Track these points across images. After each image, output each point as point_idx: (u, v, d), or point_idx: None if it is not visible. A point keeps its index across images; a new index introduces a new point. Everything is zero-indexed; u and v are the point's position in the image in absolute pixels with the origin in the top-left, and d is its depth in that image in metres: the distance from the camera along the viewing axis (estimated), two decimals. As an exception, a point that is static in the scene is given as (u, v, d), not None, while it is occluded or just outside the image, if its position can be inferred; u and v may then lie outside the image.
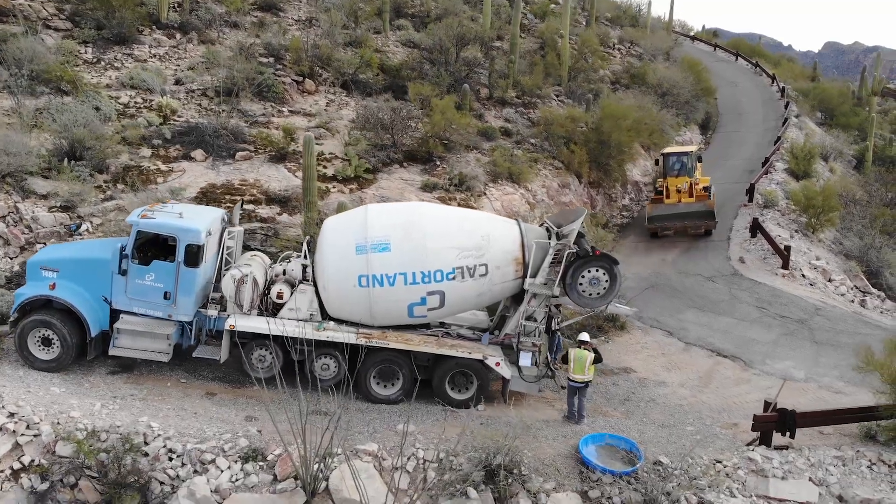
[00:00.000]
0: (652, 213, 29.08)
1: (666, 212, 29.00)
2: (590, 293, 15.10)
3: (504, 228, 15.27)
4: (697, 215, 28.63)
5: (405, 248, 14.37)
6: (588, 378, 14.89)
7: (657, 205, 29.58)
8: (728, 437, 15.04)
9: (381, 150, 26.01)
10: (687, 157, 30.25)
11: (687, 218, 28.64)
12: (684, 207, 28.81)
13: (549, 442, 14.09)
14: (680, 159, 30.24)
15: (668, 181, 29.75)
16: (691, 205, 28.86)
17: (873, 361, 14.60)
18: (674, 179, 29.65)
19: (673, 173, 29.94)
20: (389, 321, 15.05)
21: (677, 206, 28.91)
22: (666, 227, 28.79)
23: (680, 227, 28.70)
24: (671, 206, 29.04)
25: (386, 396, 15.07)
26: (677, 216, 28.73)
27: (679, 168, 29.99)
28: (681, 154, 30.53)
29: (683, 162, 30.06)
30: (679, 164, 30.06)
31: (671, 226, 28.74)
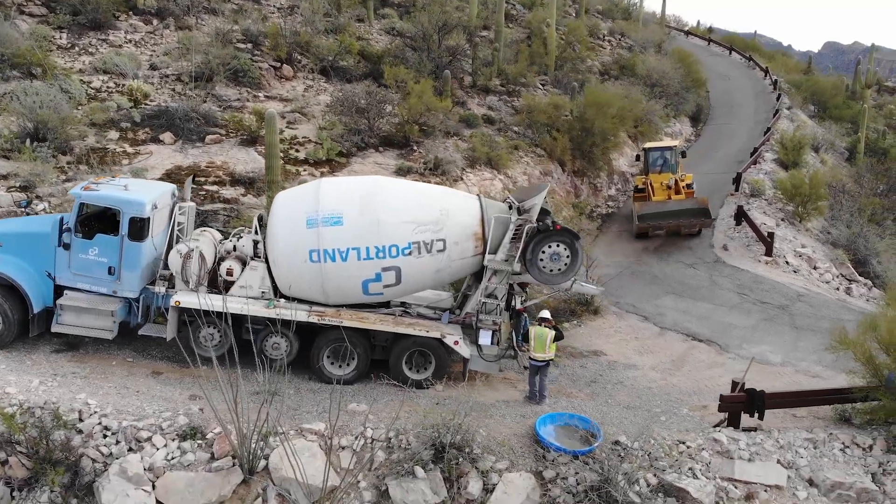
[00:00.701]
0: (641, 211, 26.70)
1: (656, 210, 26.69)
2: (551, 269, 14.53)
3: (464, 203, 14.71)
4: (690, 213, 26.53)
5: (358, 222, 13.81)
6: (549, 356, 14.32)
7: (645, 203, 27.41)
8: (696, 419, 14.47)
9: (357, 134, 25.47)
10: (670, 152, 28.92)
11: (680, 216, 26.53)
12: (675, 205, 26.72)
13: (506, 422, 13.52)
14: (662, 154, 28.87)
15: (650, 177, 28.17)
16: (682, 202, 26.89)
17: (847, 340, 14.00)
18: (657, 176, 28.12)
19: (655, 169, 28.52)
20: (344, 299, 14.48)
21: (667, 204, 26.83)
22: (658, 226, 26.50)
23: (673, 225, 26.51)
24: (660, 204, 26.87)
25: (340, 376, 14.49)
26: (669, 214, 26.55)
27: (662, 164, 28.61)
28: (663, 149, 29.18)
29: (666, 157, 28.73)
30: (662, 160, 28.69)
31: (664, 225, 26.47)
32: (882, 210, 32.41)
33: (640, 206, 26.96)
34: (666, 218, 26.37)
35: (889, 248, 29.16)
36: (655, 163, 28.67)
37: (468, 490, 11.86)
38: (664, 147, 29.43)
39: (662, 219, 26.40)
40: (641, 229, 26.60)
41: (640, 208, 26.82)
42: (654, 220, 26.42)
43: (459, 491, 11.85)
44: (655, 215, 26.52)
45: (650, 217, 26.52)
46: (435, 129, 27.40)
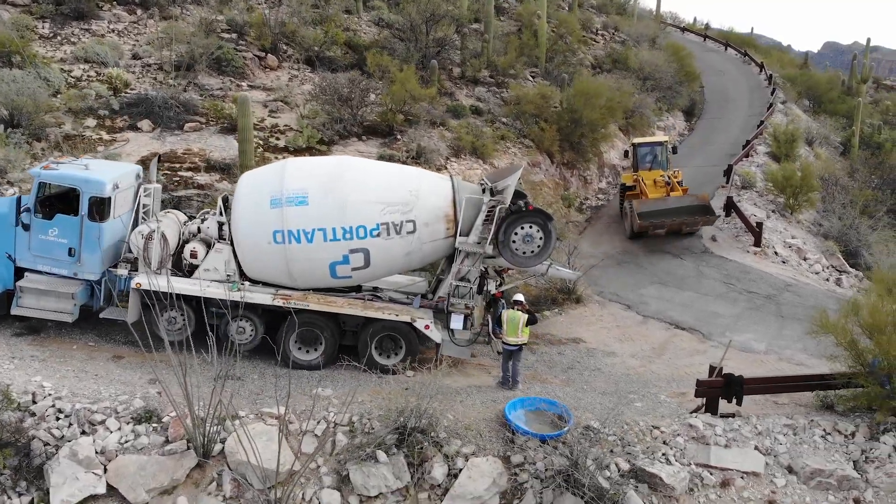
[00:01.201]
0: (640, 208, 24.64)
1: (655, 207, 24.83)
2: (523, 251, 14.14)
3: (435, 184, 14.31)
4: (692, 210, 24.89)
5: (324, 202, 13.42)
6: (522, 340, 13.93)
7: (643, 200, 25.34)
8: (673, 406, 14.07)
9: (339, 122, 25.10)
10: (660, 147, 27.40)
11: (682, 214, 24.80)
12: (675, 202, 25.06)
13: (476, 407, 13.12)
14: (652, 150, 27.38)
15: (641, 174, 26.54)
16: (682, 198, 25.30)
17: (828, 324, 13.59)
18: (647, 173, 26.54)
19: (645, 166, 27.02)
20: (311, 282, 14.09)
21: (667, 201, 25.07)
22: (660, 224, 24.67)
23: (676, 224, 24.78)
24: (660, 201, 25.07)
25: (307, 362, 14.11)
26: (670, 212, 24.78)
27: (651, 160, 27.19)
28: (653, 144, 27.64)
29: (656, 154, 27.28)
30: (651, 156, 27.28)
31: (666, 223, 24.68)
32: (875, 202, 32.00)
33: (637, 204, 24.93)
34: (668, 216, 24.74)
35: (881, 240, 28.79)
36: (644, 159, 27.28)
37: (432, 475, 11.46)
38: (654, 142, 27.87)
39: (664, 216, 24.72)
40: (642, 227, 24.65)
41: (638, 206, 24.82)
42: (656, 217, 24.67)
43: (423, 476, 11.45)
44: (656, 213, 24.75)
45: (651, 215, 24.66)
46: (420, 118, 27.03)
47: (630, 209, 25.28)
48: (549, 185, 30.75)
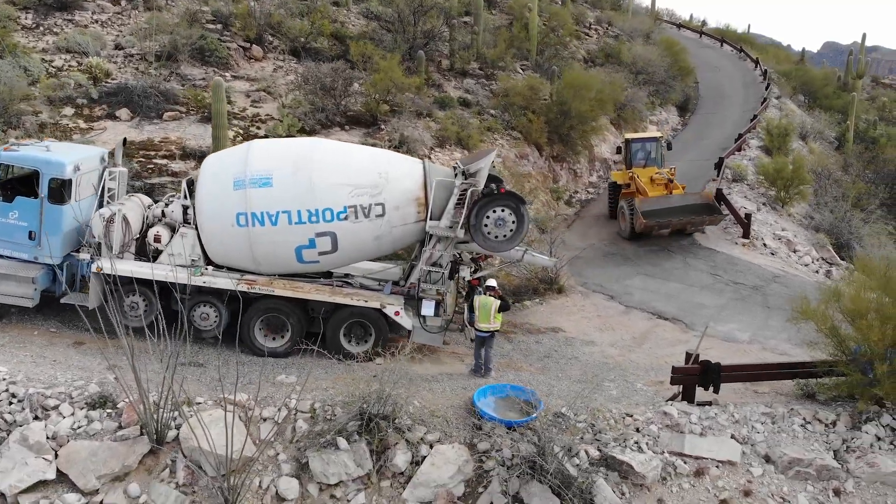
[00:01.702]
0: (643, 207, 23.18)
1: (659, 206, 23.47)
2: (496, 235, 13.76)
3: (406, 167, 13.94)
4: (696, 209, 23.78)
5: (289, 184, 13.04)
6: (494, 327, 13.57)
7: (646, 198, 23.88)
8: (649, 394, 13.71)
9: (321, 111, 24.74)
10: (654, 143, 26.19)
11: (687, 213, 23.59)
12: (679, 200, 23.92)
13: (445, 394, 12.77)
14: (645, 147, 26.22)
15: (636, 171, 25.25)
16: (686, 197, 24.21)
17: (808, 311, 13.21)
18: (641, 170, 25.29)
19: (639, 163, 25.81)
20: (277, 267, 13.72)
21: (670, 199, 23.83)
22: (666, 224, 23.37)
23: (682, 223, 23.57)
24: (662, 200, 23.76)
25: (273, 349, 13.75)
26: (675, 211, 23.53)
27: (646, 157, 25.98)
28: (647, 140, 26.42)
29: (650, 150, 26.15)
30: (645, 153, 26.11)
31: (673, 223, 23.41)
32: (867, 196, 31.65)
33: (640, 202, 23.44)
34: (671, 215, 23.47)
35: (873, 232, 28.41)
36: (638, 155, 26.04)
37: (394, 462, 11.10)
38: (648, 138, 26.66)
39: (668, 216, 23.43)
40: (647, 227, 23.22)
41: (640, 204, 23.33)
42: (661, 217, 23.26)
43: (385, 463, 11.09)
44: (661, 212, 23.36)
45: (655, 214, 23.22)
46: (405, 108, 26.69)
47: (629, 208, 24.02)
48: (537, 177, 30.39)
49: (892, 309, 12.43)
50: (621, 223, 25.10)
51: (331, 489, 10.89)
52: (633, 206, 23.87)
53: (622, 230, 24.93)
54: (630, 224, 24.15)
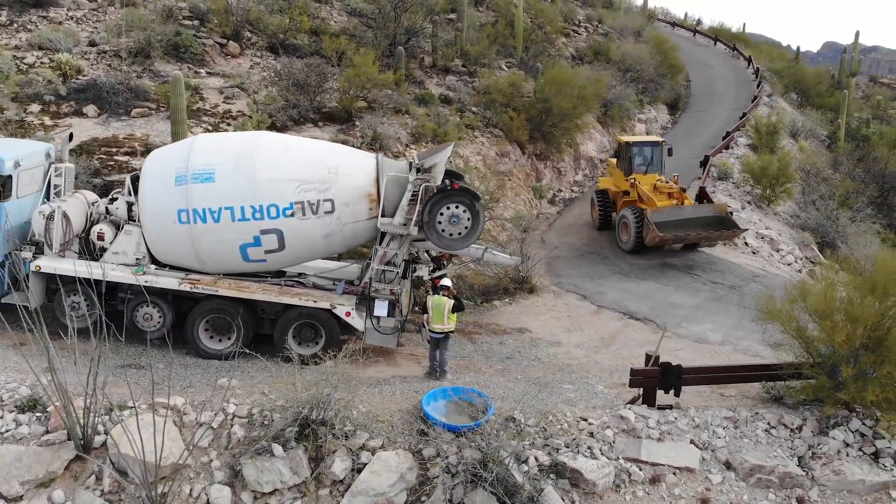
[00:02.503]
0: (656, 218, 21.01)
1: (672, 217, 21.37)
2: (450, 233, 13.28)
3: (357, 162, 13.45)
4: (712, 222, 21.71)
5: (232, 179, 12.57)
6: (448, 328, 13.09)
7: (657, 209, 21.60)
8: (609, 397, 13.21)
9: (294, 108, 24.29)
10: (656, 148, 24.11)
11: (700, 226, 21.54)
12: (692, 211, 21.87)
13: (395, 398, 12.28)
14: (645, 151, 24.01)
15: (637, 178, 23.14)
16: (699, 208, 22.14)
17: (773, 311, 12.72)
18: (642, 177, 23.26)
19: (639, 169, 23.64)
20: (223, 266, 13.24)
21: (682, 211, 21.76)
22: (684, 237, 21.19)
23: (700, 237, 21.43)
24: (675, 210, 21.64)
25: (218, 351, 13.28)
26: (687, 224, 21.49)
27: (647, 162, 23.82)
28: (649, 144, 24.24)
29: (649, 155, 23.89)
30: (643, 158, 23.90)
31: (691, 236, 21.26)
32: (855, 194, 31.15)
33: (651, 213, 21.21)
34: (687, 228, 21.40)
35: (861, 231, 27.91)
36: (637, 160, 23.82)
37: (332, 469, 10.61)
38: (649, 142, 24.42)
39: (685, 228, 21.32)
40: (662, 241, 20.94)
41: (652, 215, 21.12)
42: (678, 229, 21.20)
43: (323, 471, 10.60)
44: (676, 224, 21.30)
45: (669, 226, 21.11)
46: (382, 104, 26.24)
47: (636, 218, 21.56)
48: (518, 175, 29.95)
49: (860, 309, 11.94)
50: (622, 235, 22.61)
51: (265, 497, 10.42)
52: (639, 216, 21.50)
53: (623, 242, 22.52)
54: (635, 236, 21.69)
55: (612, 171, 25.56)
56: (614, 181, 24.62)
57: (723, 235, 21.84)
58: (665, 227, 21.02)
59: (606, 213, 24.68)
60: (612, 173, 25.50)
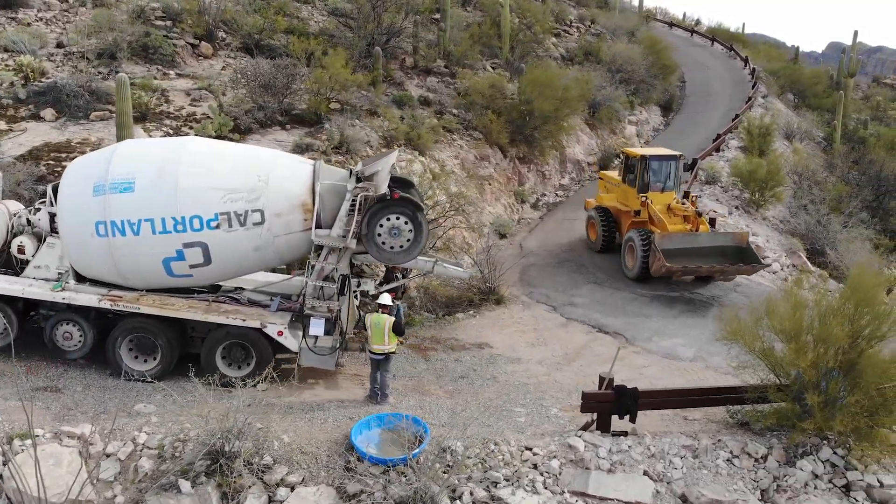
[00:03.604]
0: (664, 244, 18.63)
1: (683, 244, 18.94)
2: (391, 246, 12.37)
3: (291, 169, 12.54)
4: (730, 253, 19.20)
5: (153, 188, 11.70)
6: (388, 348, 12.19)
7: (667, 235, 19.09)
8: (562, 421, 12.30)
9: (261, 110, 23.46)
10: (674, 163, 21.06)
11: (719, 257, 19.07)
12: (707, 239, 19.24)
13: (327, 425, 11.40)
14: (663, 167, 20.90)
15: (650, 197, 20.37)
16: (716, 236, 19.61)
17: (736, 329, 11.79)
18: (658, 195, 20.48)
19: (657, 186, 20.69)
20: (147, 281, 12.37)
21: (697, 238, 19.12)
22: (696, 269, 18.83)
23: (714, 270, 18.99)
24: (688, 237, 19.10)
25: (141, 372, 12.39)
26: (700, 253, 19.00)
27: (664, 180, 20.89)
28: (665, 159, 21.08)
29: (668, 172, 20.94)
30: (661, 175, 20.86)
31: (703, 269, 18.87)
32: (848, 198, 30.14)
33: (660, 238, 18.82)
34: (701, 258, 18.93)
35: (854, 237, 26.89)
36: (656, 176, 20.83)
37: (244, 508, 9.73)
38: (667, 156, 21.17)
39: (698, 259, 18.85)
40: (669, 271, 18.53)
41: (661, 241, 18.74)
42: (688, 259, 18.74)
43: (235, 509, 9.72)
44: (686, 253, 18.84)
45: (679, 255, 18.68)
46: (356, 106, 25.39)
47: (643, 242, 19.29)
48: (499, 179, 29.08)
49: (830, 329, 11.00)
50: (628, 260, 20.22)
51: (170, 538, 9.54)
52: (647, 240, 19.19)
53: (628, 269, 20.23)
54: (641, 263, 19.46)
55: (610, 187, 22.89)
56: (620, 198, 21.80)
57: (740, 270, 18.94)
58: (674, 255, 18.58)
59: (610, 235, 21.91)
60: (611, 189, 22.79)
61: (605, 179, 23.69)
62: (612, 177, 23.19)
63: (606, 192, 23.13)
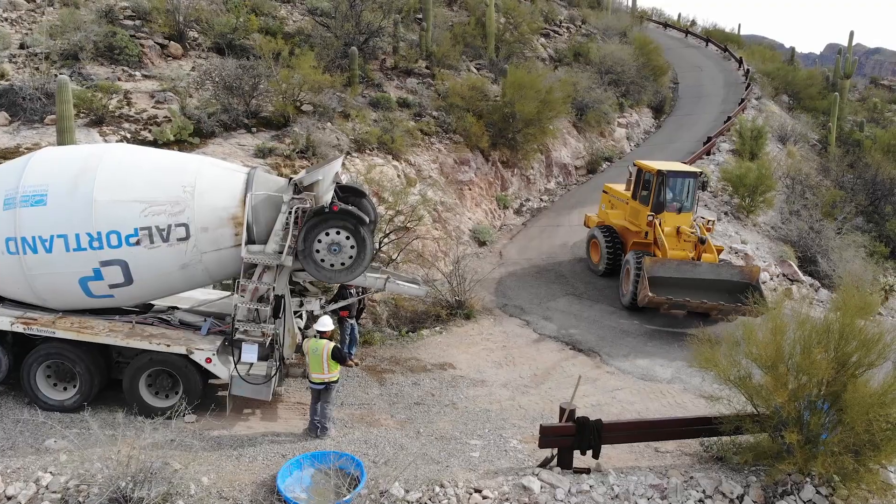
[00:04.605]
0: (653, 271, 16.82)
1: (678, 273, 16.97)
2: (331, 263, 11.26)
3: (221, 178, 11.40)
4: (733, 289, 16.86)
5: (67, 202, 10.61)
6: (329, 377, 11.09)
7: (659, 260, 17.24)
8: (521, 455, 11.22)
9: (226, 112, 22.40)
10: (693, 180, 18.94)
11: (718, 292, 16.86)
12: (709, 271, 17.07)
13: (255, 464, 10.30)
14: (679, 185, 18.78)
15: (663, 218, 18.19)
16: (720, 268, 17.18)
17: (709, 356, 10.70)
18: (674, 217, 18.46)
19: (673, 206, 18.56)
20: (66, 302, 11.28)
21: (696, 268, 17.06)
22: (682, 303, 16.66)
23: (707, 307, 16.58)
24: (685, 266, 17.08)
25: (60, 402, 11.30)
26: (699, 286, 16.92)
27: (682, 200, 18.81)
28: (684, 175, 18.88)
29: (687, 190, 18.91)
30: (679, 195, 18.80)
31: (691, 304, 16.61)
32: (842, 203, 29.08)
33: (650, 263, 16.93)
34: (695, 291, 16.78)
35: (847, 244, 25.82)
36: (672, 195, 18.67)
37: (148, 564, 8.64)
38: (686, 173, 18.96)
39: (689, 292, 16.72)
40: (652, 303, 16.63)
41: (650, 266, 16.85)
42: (677, 291, 16.71)
43: (139, 564, 8.64)
44: (677, 283, 16.89)
45: (668, 285, 16.79)
46: (328, 109, 24.33)
47: (637, 266, 17.40)
48: (480, 184, 28.03)
49: (816, 357, 9.91)
50: (624, 285, 18.23)
51: None
52: (641, 264, 17.28)
53: (622, 294, 18.34)
54: (633, 289, 17.41)
55: (616, 202, 20.64)
56: (629, 216, 19.65)
57: (738, 309, 15.99)
58: (664, 285, 16.68)
59: (616, 257, 19.65)
60: (617, 205, 20.56)
61: (611, 194, 21.11)
62: (619, 191, 20.69)
63: (612, 207, 20.70)
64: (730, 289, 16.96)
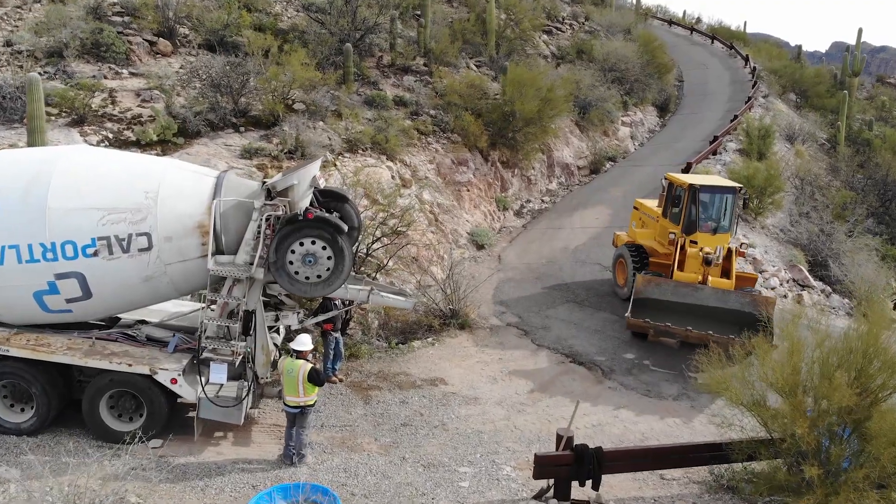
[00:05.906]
0: (643, 292, 15.24)
1: (674, 297, 15.26)
2: (306, 276, 10.32)
3: (186, 183, 10.47)
4: (738, 319, 14.80)
5: (18, 210, 9.72)
6: (305, 401, 10.20)
7: (653, 280, 15.58)
8: (514, 486, 10.32)
9: (213, 111, 21.56)
10: (731, 196, 16.79)
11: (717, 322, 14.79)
12: (712, 297, 15.21)
13: (220, 497, 9.43)
14: (713, 200, 16.75)
15: (698, 239, 16.24)
16: (727, 296, 15.27)
17: (719, 379, 9.79)
18: (709, 238, 16.29)
19: (707, 226, 16.50)
20: (23, 318, 10.42)
21: (697, 293, 15.24)
22: (664, 329, 14.83)
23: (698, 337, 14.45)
24: (685, 290, 15.32)
25: (16, 425, 10.45)
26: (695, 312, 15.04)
27: (717, 218, 16.81)
28: (721, 191, 16.75)
29: (725, 208, 16.83)
30: (714, 211, 16.78)
31: (677, 332, 14.79)
32: (853, 204, 28.10)
33: (641, 282, 15.40)
34: (686, 318, 14.91)
35: (859, 247, 24.86)
36: (706, 213, 16.65)
37: None
38: (724, 188, 16.75)
39: (680, 319, 14.89)
40: (634, 327, 15.22)
41: (641, 286, 15.30)
42: (675, 318, 14.90)
43: None
44: (676, 309, 15.11)
45: (662, 311, 15.09)
46: (321, 107, 23.47)
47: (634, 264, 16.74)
48: (479, 185, 27.14)
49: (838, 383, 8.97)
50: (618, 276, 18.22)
51: None
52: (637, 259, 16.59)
53: (617, 285, 18.19)
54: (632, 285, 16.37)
55: (646, 220, 18.51)
56: (659, 235, 17.54)
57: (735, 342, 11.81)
58: (654, 308, 15.09)
59: None
60: (647, 223, 18.42)
61: (641, 210, 18.90)
62: (650, 208, 18.47)
63: (642, 226, 18.58)
64: (730, 318, 14.94)
